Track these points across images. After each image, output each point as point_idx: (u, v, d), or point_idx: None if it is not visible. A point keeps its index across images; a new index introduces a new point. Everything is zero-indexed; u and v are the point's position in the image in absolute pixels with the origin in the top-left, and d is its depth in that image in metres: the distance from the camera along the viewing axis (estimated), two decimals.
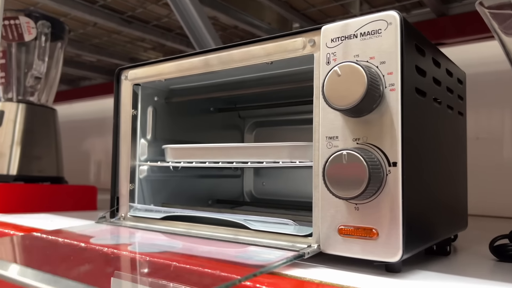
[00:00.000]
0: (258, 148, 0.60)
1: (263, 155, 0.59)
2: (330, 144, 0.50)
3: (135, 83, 0.72)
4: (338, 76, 0.46)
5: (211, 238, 0.57)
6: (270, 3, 1.29)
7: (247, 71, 0.64)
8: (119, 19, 1.44)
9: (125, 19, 1.45)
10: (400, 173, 0.45)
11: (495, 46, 1.19)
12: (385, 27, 0.47)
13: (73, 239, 0.57)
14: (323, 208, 0.50)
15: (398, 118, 0.46)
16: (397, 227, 0.45)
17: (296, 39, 0.54)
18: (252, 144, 0.61)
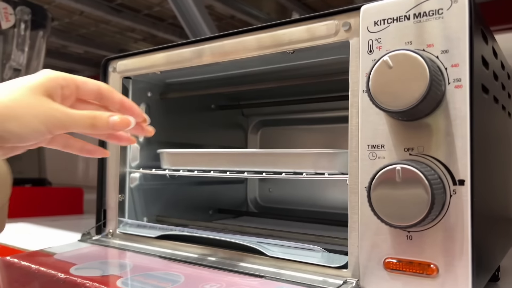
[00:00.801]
0: (275, 155, 0.50)
1: (281, 163, 0.49)
2: (374, 155, 0.39)
3: (125, 76, 0.61)
4: (389, 68, 0.36)
5: (219, 268, 0.47)
6: None
7: (260, 63, 0.53)
8: (108, 7, 1.35)
9: (114, 7, 1.36)
10: (469, 194, 0.35)
11: None
12: (448, 6, 0.36)
13: (51, 267, 0.47)
14: (364, 235, 0.40)
15: (466, 123, 0.35)
16: (465, 262, 0.35)
17: (327, 23, 0.44)
18: (268, 151, 0.50)
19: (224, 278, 0.44)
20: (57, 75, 0.43)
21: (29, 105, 0.40)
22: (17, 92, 0.40)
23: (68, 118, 0.41)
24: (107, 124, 0.43)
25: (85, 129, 0.42)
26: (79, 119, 0.42)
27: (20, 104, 0.39)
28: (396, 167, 0.36)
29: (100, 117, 0.43)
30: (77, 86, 0.44)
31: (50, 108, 0.40)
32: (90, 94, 0.46)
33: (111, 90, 0.47)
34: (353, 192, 0.41)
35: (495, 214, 0.45)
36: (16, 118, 0.39)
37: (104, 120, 0.43)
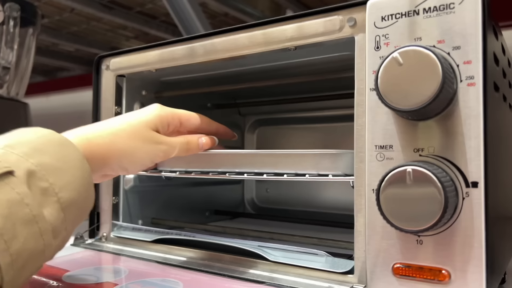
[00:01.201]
0: (275, 156, 0.47)
1: (281, 164, 0.47)
2: (382, 156, 0.38)
3: (118, 74, 0.59)
4: (399, 65, 0.34)
5: (218, 273, 0.45)
6: None
7: (259, 60, 0.52)
8: (99, 4, 1.32)
9: (105, 4, 1.33)
10: (483, 196, 0.34)
11: None
12: (459, 0, 0.35)
13: (42, 274, 0.45)
14: (371, 239, 0.38)
15: (479, 123, 0.34)
16: (478, 267, 0.34)
17: (331, 18, 0.42)
18: (268, 152, 0.48)
19: (224, 285, 0.42)
20: (167, 113, 0.48)
21: (142, 144, 0.44)
22: (134, 128, 0.44)
23: (171, 148, 0.47)
24: (197, 146, 0.50)
25: (181, 153, 0.49)
26: (179, 147, 0.48)
27: (135, 143, 0.43)
28: (406, 168, 0.34)
29: (192, 142, 0.49)
30: (181, 123, 0.50)
31: (158, 143, 0.46)
32: (190, 129, 0.52)
33: (209, 122, 0.54)
34: (359, 195, 0.39)
35: (506, 215, 0.44)
36: (131, 155, 0.43)
37: (195, 144, 0.50)
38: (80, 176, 0.36)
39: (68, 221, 0.34)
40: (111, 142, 0.41)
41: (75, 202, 0.35)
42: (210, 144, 0.51)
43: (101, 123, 0.44)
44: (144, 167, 0.46)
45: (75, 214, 0.35)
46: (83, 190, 0.36)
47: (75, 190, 0.35)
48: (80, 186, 0.35)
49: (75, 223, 0.36)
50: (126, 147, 0.42)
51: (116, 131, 0.43)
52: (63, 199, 0.33)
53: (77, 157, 0.36)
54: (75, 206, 0.35)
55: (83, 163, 0.37)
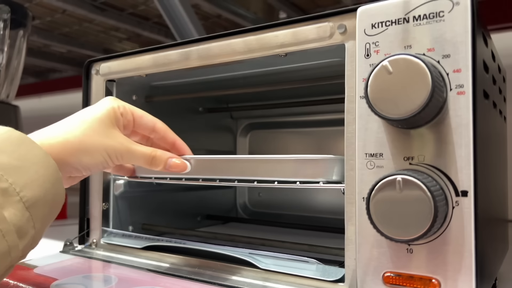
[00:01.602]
0: (253, 162, 0.46)
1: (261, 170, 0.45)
2: (372, 164, 0.37)
3: (108, 79, 0.58)
4: (389, 73, 0.34)
5: (209, 282, 0.45)
6: None
7: (250, 66, 0.51)
8: (91, 6, 1.31)
9: (97, 6, 1.32)
10: (473, 205, 0.34)
11: None
12: (449, 8, 0.35)
13: (30, 283, 0.44)
14: (362, 247, 0.38)
15: (469, 131, 0.34)
16: (468, 276, 0.34)
17: (321, 25, 0.42)
18: (246, 157, 0.48)
19: None
20: (119, 105, 0.46)
21: (99, 139, 0.43)
22: (87, 125, 0.43)
23: (131, 155, 0.45)
24: (164, 166, 0.47)
25: (143, 165, 0.47)
26: (140, 157, 0.46)
27: (92, 138, 0.42)
28: (396, 177, 0.34)
29: (159, 159, 0.47)
30: (134, 119, 0.48)
31: (117, 142, 0.44)
32: (145, 129, 0.49)
33: (165, 129, 0.50)
34: (349, 202, 0.39)
35: (495, 222, 0.44)
36: (89, 152, 0.42)
37: (162, 162, 0.47)
38: (44, 172, 0.35)
39: (36, 219, 0.34)
40: (66, 141, 0.40)
41: (42, 199, 0.34)
42: (179, 168, 0.48)
43: (56, 124, 0.43)
44: (104, 166, 0.44)
45: (44, 211, 0.35)
46: (49, 187, 0.35)
47: (40, 187, 0.34)
48: (46, 183, 0.35)
49: (46, 220, 0.36)
50: (81, 145, 0.41)
51: (70, 130, 0.41)
52: (27, 198, 0.33)
53: (39, 153, 0.36)
54: (42, 204, 0.34)
55: (47, 158, 0.36)
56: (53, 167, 0.36)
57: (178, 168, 0.48)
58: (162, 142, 0.51)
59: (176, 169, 0.48)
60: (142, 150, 0.46)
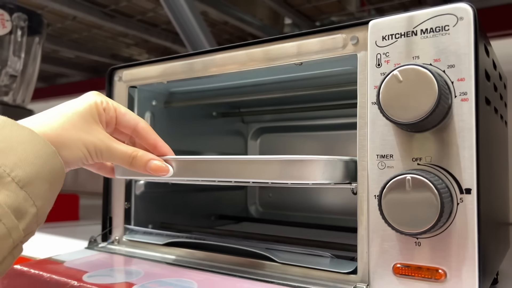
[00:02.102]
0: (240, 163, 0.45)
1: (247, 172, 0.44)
2: (383, 164, 0.41)
3: (131, 85, 0.62)
4: (399, 82, 0.38)
5: (229, 274, 0.48)
6: None
7: (267, 73, 0.55)
8: (101, 12, 1.34)
9: (107, 13, 1.35)
10: (476, 202, 0.37)
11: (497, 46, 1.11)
12: (454, 22, 0.38)
13: (63, 275, 0.47)
14: (373, 241, 0.41)
15: (472, 134, 0.37)
16: (472, 267, 0.37)
17: (335, 36, 0.45)
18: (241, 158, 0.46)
19: (236, 284, 0.45)
20: (102, 99, 0.45)
21: (78, 134, 0.41)
22: (67, 119, 0.41)
23: (110, 153, 0.43)
24: (144, 168, 0.45)
25: (123, 165, 0.45)
26: (119, 155, 0.44)
27: (71, 133, 0.41)
28: (406, 176, 0.37)
29: (140, 160, 0.45)
30: (116, 116, 0.46)
31: (97, 139, 0.42)
32: (127, 127, 0.48)
33: (147, 129, 0.48)
34: (362, 200, 0.43)
35: (497, 220, 0.47)
36: (68, 147, 0.40)
37: (142, 163, 0.45)
38: (33, 149, 0.35)
39: (35, 196, 0.34)
40: (43, 134, 0.38)
41: (37, 175, 0.34)
42: (160, 171, 0.46)
43: (35, 116, 0.41)
44: (83, 162, 0.42)
45: (42, 187, 0.35)
46: (42, 162, 0.35)
47: (31, 165, 0.34)
48: (37, 159, 0.35)
49: (47, 196, 0.36)
50: (59, 138, 0.39)
51: (48, 122, 0.40)
52: (19, 177, 0.33)
53: (24, 132, 0.35)
54: (39, 181, 0.34)
55: (33, 135, 0.36)
56: (41, 142, 0.36)
57: (159, 171, 0.46)
58: (144, 142, 0.48)
59: (157, 172, 0.46)
60: (123, 149, 0.44)
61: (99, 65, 1.95)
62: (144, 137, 0.48)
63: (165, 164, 0.46)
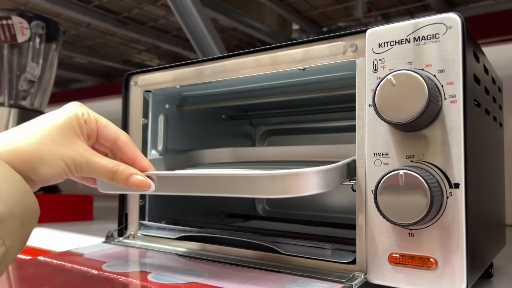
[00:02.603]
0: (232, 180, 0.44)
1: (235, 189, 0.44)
2: (379, 162, 0.44)
3: (145, 90, 0.66)
4: (392, 85, 0.41)
5: (237, 264, 0.51)
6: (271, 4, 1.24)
7: (273, 78, 0.58)
8: (114, 20, 1.38)
9: (120, 20, 1.39)
10: (464, 196, 0.40)
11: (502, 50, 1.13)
12: (443, 31, 0.42)
13: (83, 265, 0.51)
14: (371, 233, 0.45)
15: (461, 133, 0.40)
16: (461, 256, 0.40)
17: (335, 43, 0.49)
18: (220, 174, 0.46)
19: (244, 273, 0.48)
20: (83, 110, 0.44)
21: (57, 149, 0.40)
22: (45, 133, 0.40)
23: (90, 168, 0.42)
24: (125, 182, 0.44)
25: (103, 179, 0.44)
26: (100, 170, 0.43)
27: (49, 148, 0.40)
28: (399, 172, 0.41)
29: (121, 174, 0.44)
30: (97, 128, 0.45)
31: (76, 153, 0.41)
32: (107, 140, 0.46)
33: (127, 143, 0.47)
34: (360, 195, 0.46)
35: (487, 216, 0.50)
36: (45, 162, 0.39)
37: (123, 178, 0.44)
38: (8, 188, 0.34)
39: (4, 235, 0.33)
40: (17, 149, 0.38)
41: (9, 214, 0.33)
42: (141, 186, 0.45)
43: (11, 130, 0.41)
44: (62, 177, 0.42)
45: (13, 226, 0.34)
46: (16, 201, 0.34)
47: (4, 203, 0.33)
48: (11, 198, 0.34)
49: (18, 234, 0.35)
50: (35, 153, 0.39)
51: (24, 137, 0.39)
52: None
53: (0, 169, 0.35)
54: (10, 219, 0.34)
55: (9, 173, 0.35)
56: (17, 181, 0.35)
57: (141, 187, 0.45)
58: (124, 157, 0.47)
59: (139, 187, 0.45)
60: (103, 163, 0.43)
61: (111, 71, 2.00)
62: (124, 151, 0.47)
63: (147, 179, 0.46)
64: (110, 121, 0.48)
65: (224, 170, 0.47)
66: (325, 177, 0.44)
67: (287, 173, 0.42)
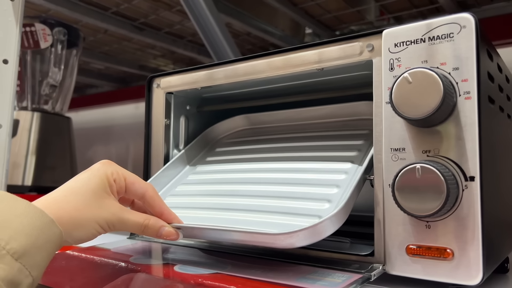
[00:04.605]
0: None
1: None
2: (396, 157, 0.46)
3: (167, 92, 0.69)
4: (409, 83, 0.43)
5: (259, 257, 0.53)
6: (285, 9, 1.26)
7: (291, 78, 0.60)
8: (131, 26, 1.41)
9: (137, 26, 1.42)
10: (479, 188, 0.42)
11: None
12: (458, 30, 0.43)
13: (111, 258, 0.53)
14: (388, 226, 0.46)
15: (475, 129, 0.42)
16: (477, 247, 0.42)
17: (352, 44, 0.51)
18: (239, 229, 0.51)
19: (265, 265, 0.50)
20: (112, 169, 0.47)
21: (92, 213, 0.43)
22: (79, 198, 0.43)
23: (123, 225, 0.46)
24: (156, 235, 0.48)
25: (135, 232, 0.48)
26: (132, 226, 0.46)
27: (85, 214, 0.42)
28: (416, 166, 0.42)
29: (152, 228, 0.48)
30: (126, 184, 0.48)
31: (109, 213, 0.44)
32: (135, 195, 0.50)
33: (154, 198, 0.50)
34: (378, 190, 0.48)
35: (503, 210, 0.51)
36: (82, 227, 0.42)
37: (154, 231, 0.48)
38: (29, 221, 0.36)
39: (31, 266, 0.35)
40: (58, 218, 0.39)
41: (32, 246, 0.35)
42: (171, 237, 0.49)
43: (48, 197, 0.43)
44: (96, 236, 0.45)
45: (38, 257, 0.36)
46: (38, 233, 0.36)
47: (27, 236, 0.35)
48: (33, 230, 0.35)
49: (44, 264, 0.37)
50: (72, 220, 0.41)
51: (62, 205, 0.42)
52: (14, 250, 0.34)
53: (21, 205, 0.37)
54: (35, 250, 0.35)
55: (30, 207, 0.37)
56: (38, 213, 0.37)
57: (170, 237, 0.49)
58: (151, 210, 0.50)
59: (168, 237, 0.49)
60: (135, 219, 0.46)
61: (127, 76, 2.03)
62: (151, 205, 0.50)
63: (175, 230, 0.49)
64: (126, 125, 0.51)
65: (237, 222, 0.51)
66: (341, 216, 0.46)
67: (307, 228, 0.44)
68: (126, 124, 1.69)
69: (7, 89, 0.72)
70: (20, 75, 1.11)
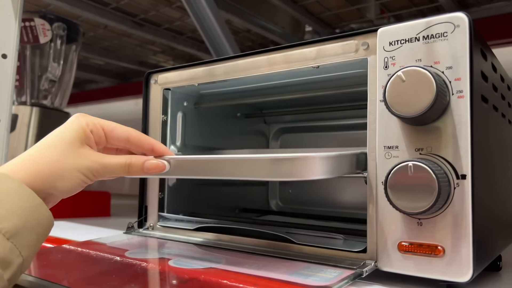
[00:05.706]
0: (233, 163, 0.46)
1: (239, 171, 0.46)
2: (389, 154, 0.46)
3: (165, 88, 0.69)
4: (402, 81, 0.43)
5: (253, 253, 0.54)
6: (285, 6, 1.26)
7: (287, 76, 0.61)
8: (131, 21, 1.41)
9: (137, 22, 1.42)
10: (470, 186, 0.42)
11: None
12: (451, 30, 0.44)
13: (107, 252, 0.54)
14: (381, 223, 0.47)
15: (467, 127, 0.42)
16: (467, 244, 0.42)
17: (348, 42, 0.51)
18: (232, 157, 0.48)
19: (260, 261, 0.51)
20: (87, 120, 0.45)
21: (72, 163, 0.42)
22: (59, 150, 0.42)
23: (106, 169, 0.44)
24: (142, 170, 0.46)
25: (122, 175, 0.46)
26: (115, 168, 0.45)
27: (64, 164, 0.42)
28: (408, 164, 0.43)
29: (135, 164, 0.46)
30: (105, 134, 0.46)
31: (90, 161, 0.43)
32: (118, 142, 0.48)
33: (140, 137, 0.48)
34: (371, 187, 0.48)
35: (496, 209, 0.52)
36: (64, 177, 0.41)
37: (139, 167, 0.46)
38: (21, 202, 0.36)
39: (21, 247, 0.35)
40: (36, 171, 0.40)
41: (23, 227, 0.36)
42: (157, 169, 0.47)
43: (24, 154, 0.42)
44: (82, 186, 0.44)
45: (29, 238, 0.36)
46: (28, 214, 0.36)
47: (19, 217, 0.35)
48: (24, 211, 0.36)
49: (34, 245, 0.37)
50: (53, 171, 0.41)
51: (39, 159, 0.41)
52: (6, 229, 0.34)
53: (13, 185, 0.37)
54: (25, 231, 0.36)
55: (21, 188, 0.37)
56: (29, 195, 0.37)
57: (156, 169, 0.47)
58: (140, 149, 0.49)
59: (154, 170, 0.47)
60: (116, 161, 0.45)
61: (126, 72, 2.03)
62: (139, 144, 0.48)
63: (160, 161, 0.47)
64: (125, 121, 0.50)
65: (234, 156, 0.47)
66: (331, 163, 0.45)
67: (295, 157, 0.42)
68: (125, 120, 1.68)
69: (6, 84, 0.72)
70: (19, 70, 1.11)
